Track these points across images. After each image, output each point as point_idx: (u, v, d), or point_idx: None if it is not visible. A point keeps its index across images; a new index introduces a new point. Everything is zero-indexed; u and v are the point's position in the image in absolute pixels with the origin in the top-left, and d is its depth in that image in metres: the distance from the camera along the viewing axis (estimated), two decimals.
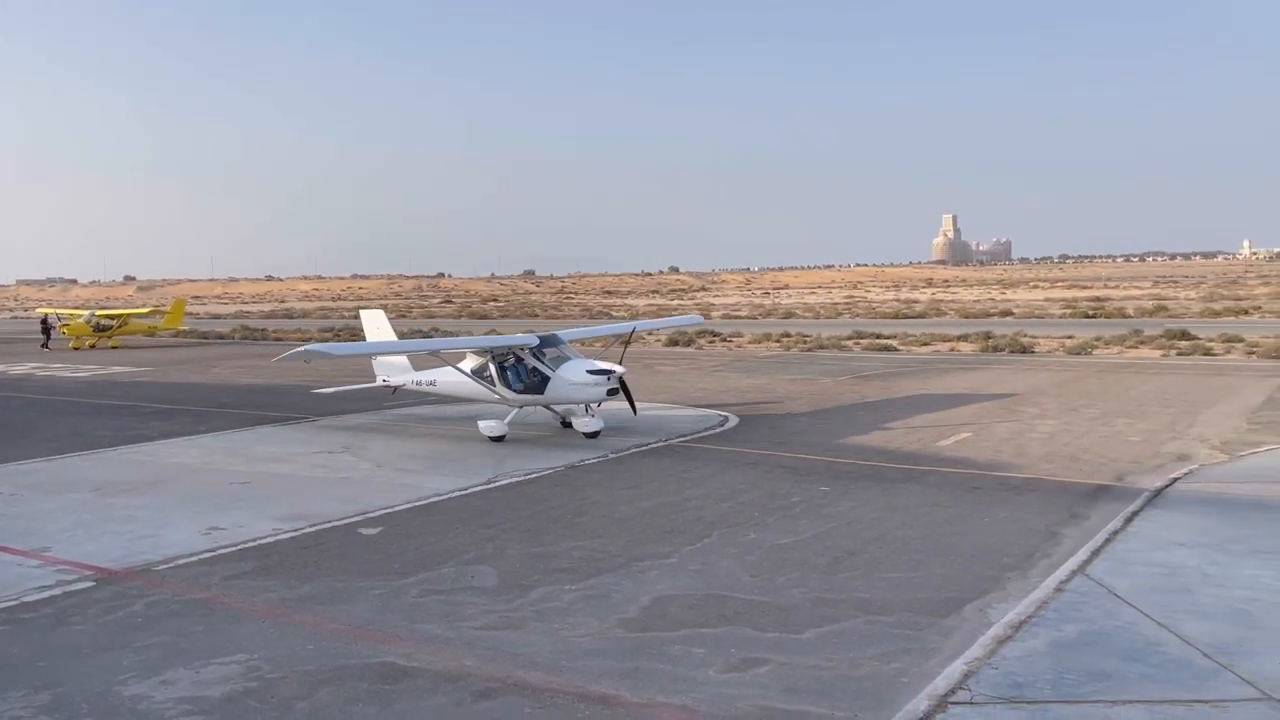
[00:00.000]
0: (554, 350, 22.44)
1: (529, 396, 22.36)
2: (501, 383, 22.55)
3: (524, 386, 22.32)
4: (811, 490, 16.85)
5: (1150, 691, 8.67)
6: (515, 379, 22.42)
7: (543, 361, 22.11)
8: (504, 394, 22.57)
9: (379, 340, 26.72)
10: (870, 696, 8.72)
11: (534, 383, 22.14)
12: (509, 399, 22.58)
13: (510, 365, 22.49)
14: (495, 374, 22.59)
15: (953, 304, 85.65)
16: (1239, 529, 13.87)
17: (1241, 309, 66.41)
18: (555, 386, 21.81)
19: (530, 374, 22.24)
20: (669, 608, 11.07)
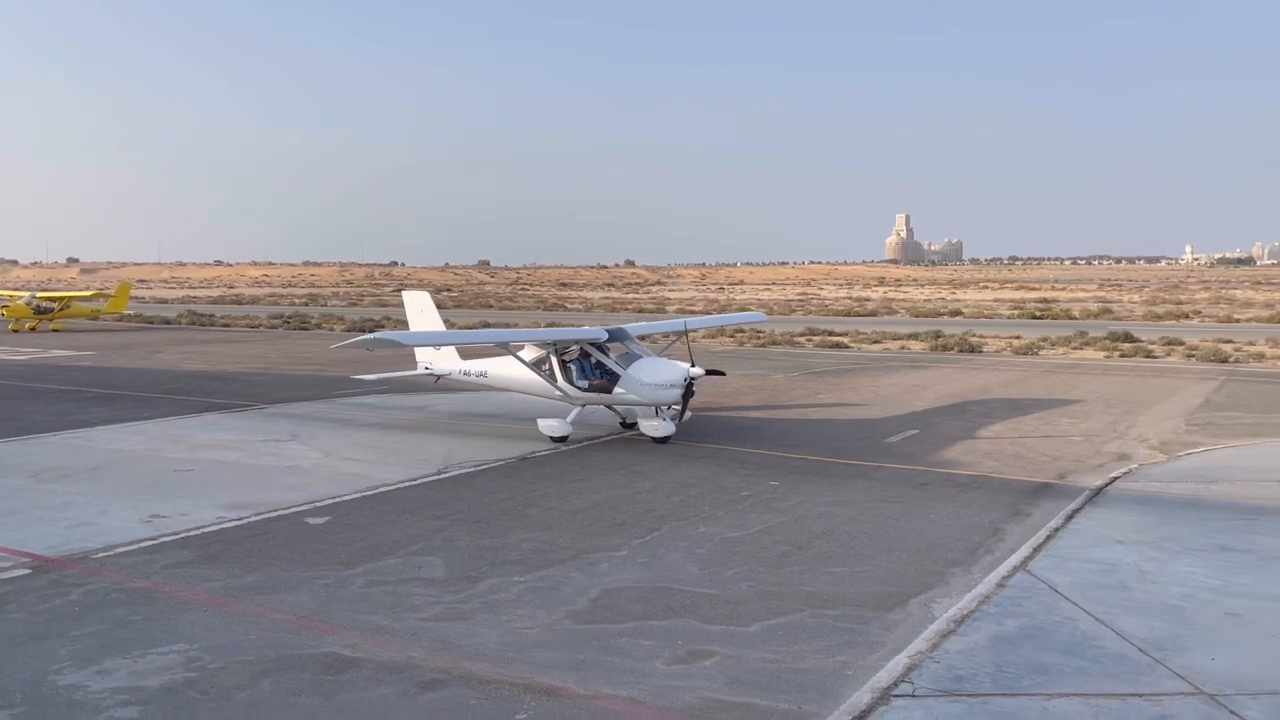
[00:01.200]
0: (621, 346, 21.01)
1: (594, 395, 20.85)
2: (564, 378, 20.96)
3: (589, 384, 20.78)
4: (761, 485, 16.96)
5: (1086, 685, 8.86)
6: (580, 375, 20.87)
7: (612, 358, 20.62)
8: (567, 390, 20.99)
9: (441, 329, 24.64)
10: (815, 689, 8.80)
11: (601, 380, 20.64)
12: (572, 396, 21.00)
13: (575, 360, 21.01)
14: (557, 368, 21.04)
15: (904, 303, 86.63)
16: (1175, 527, 14.21)
17: (1183, 313, 68.00)
18: (627, 386, 20.16)
19: (597, 370, 20.76)
20: (618, 600, 11.09)
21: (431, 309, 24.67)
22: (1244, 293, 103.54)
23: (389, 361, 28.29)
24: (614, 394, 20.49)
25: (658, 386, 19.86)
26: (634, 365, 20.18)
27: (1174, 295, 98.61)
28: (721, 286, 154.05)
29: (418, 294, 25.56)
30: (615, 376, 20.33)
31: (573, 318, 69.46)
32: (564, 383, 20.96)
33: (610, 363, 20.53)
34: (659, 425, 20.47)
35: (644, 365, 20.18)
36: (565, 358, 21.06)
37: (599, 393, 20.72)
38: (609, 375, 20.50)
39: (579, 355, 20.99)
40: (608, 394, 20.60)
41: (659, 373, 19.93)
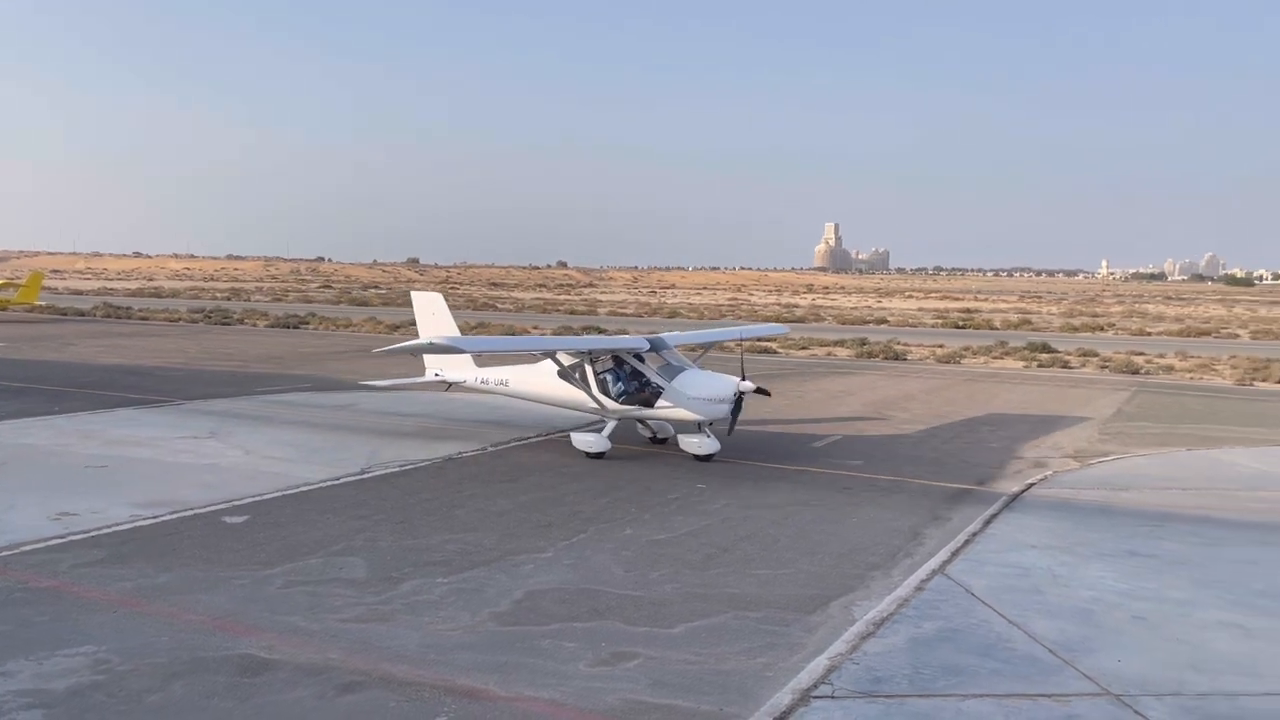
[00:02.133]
0: (660, 357, 19.74)
1: (634, 408, 19.51)
2: (600, 390, 19.62)
3: (628, 397, 19.44)
4: (688, 487, 17.04)
5: (999, 686, 9.08)
6: (618, 387, 19.56)
7: (653, 369, 19.40)
8: (604, 403, 19.57)
9: (458, 333, 22.88)
10: (736, 690, 8.87)
11: (642, 393, 19.33)
12: (609, 409, 19.58)
13: (610, 370, 19.72)
14: (592, 379, 19.71)
15: (832, 310, 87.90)
16: (1086, 533, 14.65)
17: (1098, 325, 70.19)
18: (673, 399, 18.88)
19: (636, 381, 19.44)
20: (542, 602, 11.04)
21: (444, 311, 22.93)
22: (1156, 307, 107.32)
23: (398, 366, 26.49)
24: (656, 407, 19.20)
25: (706, 401, 18.59)
26: (679, 378, 19.00)
27: (1090, 308, 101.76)
28: (654, 290, 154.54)
29: (428, 295, 23.69)
30: (658, 389, 19.06)
31: (503, 318, 69.03)
32: (600, 394, 19.57)
33: (652, 374, 19.23)
34: (703, 442, 19.12)
35: (690, 378, 19.01)
36: (600, 368, 19.78)
37: (639, 406, 19.40)
38: (651, 387, 19.21)
39: (616, 365, 19.72)
40: (649, 407, 19.30)
41: (707, 386, 18.73)
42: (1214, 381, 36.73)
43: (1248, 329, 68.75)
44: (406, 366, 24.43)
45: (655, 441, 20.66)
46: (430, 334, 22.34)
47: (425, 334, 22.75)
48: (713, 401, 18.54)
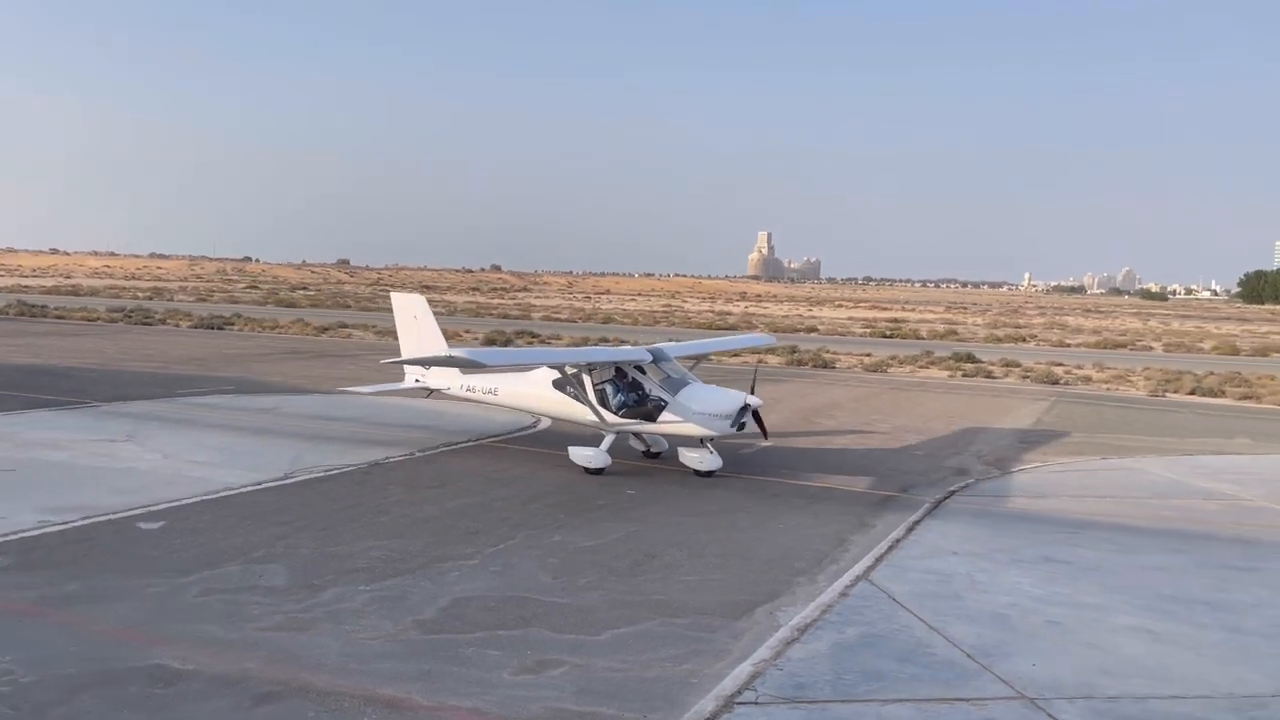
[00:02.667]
0: (660, 369, 19.06)
1: (635, 422, 18.85)
2: (600, 402, 18.91)
3: (629, 410, 18.80)
4: (618, 493, 17.04)
5: (919, 690, 9.23)
6: (618, 399, 18.90)
7: (655, 381, 18.80)
8: (604, 416, 18.88)
9: (441, 338, 21.85)
10: (660, 698, 8.88)
11: (645, 407, 18.69)
12: (608, 422, 18.92)
13: (610, 382, 19.05)
14: (591, 391, 19.04)
15: (763, 318, 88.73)
16: (1005, 539, 14.99)
17: (1020, 336, 71.97)
18: (677, 414, 18.25)
19: (637, 394, 18.83)
20: (467, 609, 10.93)
21: (427, 315, 21.95)
22: (1075, 319, 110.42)
23: (376, 373, 25.25)
24: (659, 421, 18.56)
25: (712, 416, 17.96)
26: (684, 391, 18.40)
27: (1013, 319, 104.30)
28: (588, 295, 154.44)
29: (410, 297, 22.58)
30: (661, 403, 18.44)
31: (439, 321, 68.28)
32: (599, 407, 18.87)
33: (655, 387, 18.65)
34: (705, 458, 18.60)
35: (696, 392, 18.42)
36: (599, 379, 19.14)
37: (640, 420, 18.76)
38: (654, 401, 18.57)
39: (616, 377, 19.07)
40: (651, 421, 18.66)
41: (714, 401, 18.12)
42: (1129, 392, 37.89)
43: (1161, 342, 71.14)
44: (388, 371, 23.36)
45: (649, 456, 20.06)
46: (416, 339, 21.88)
47: (406, 339, 22.22)
48: (719, 417, 17.94)
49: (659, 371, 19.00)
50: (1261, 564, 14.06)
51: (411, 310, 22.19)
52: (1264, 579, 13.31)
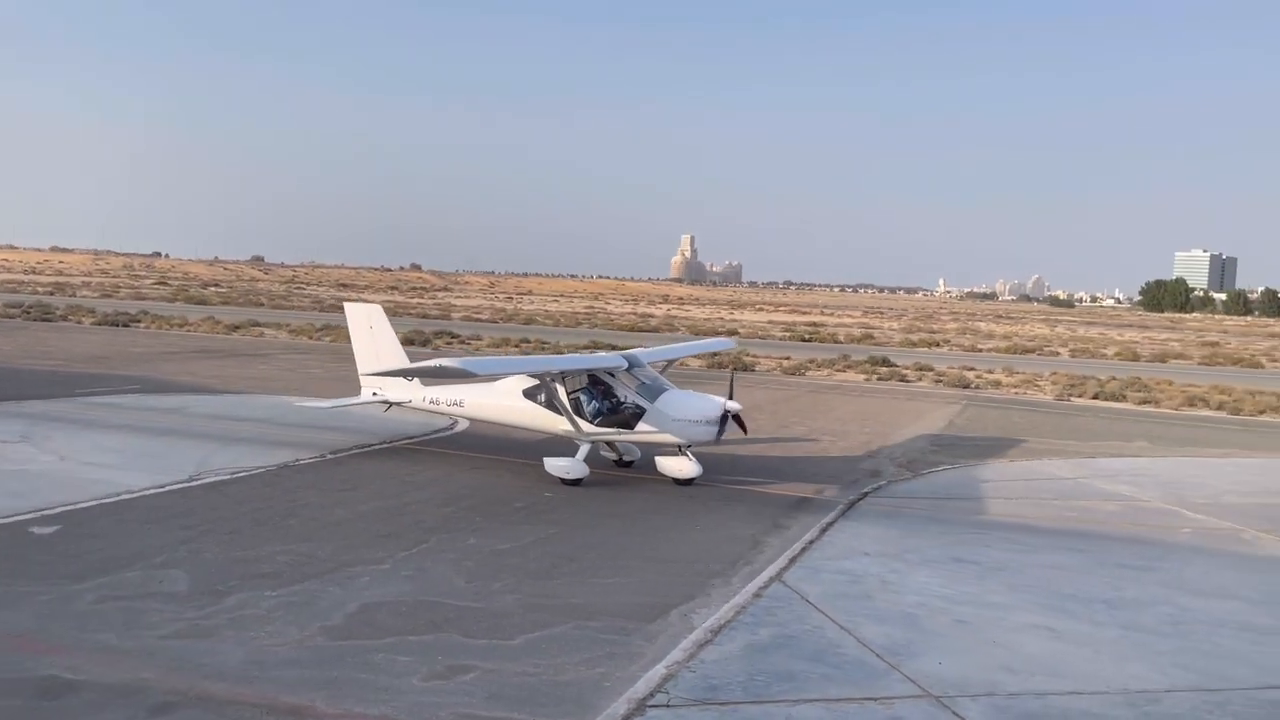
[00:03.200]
0: (634, 376, 18.60)
1: (612, 431, 18.47)
2: (575, 411, 18.38)
3: (605, 418, 18.37)
4: (536, 496, 16.92)
5: (829, 690, 9.34)
6: (593, 408, 18.45)
7: (632, 388, 18.35)
8: (580, 425, 18.34)
9: (399, 349, 20.95)
10: (573, 702, 8.82)
11: (622, 414, 18.29)
12: (584, 432, 18.40)
13: (586, 390, 18.58)
14: (565, 400, 18.48)
15: (685, 321, 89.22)
16: (915, 540, 15.29)
17: (934, 341, 73.69)
18: (656, 422, 17.93)
19: (612, 402, 18.41)
20: (377, 615, 10.71)
21: (384, 325, 21.02)
22: (987, 325, 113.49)
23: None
24: (637, 430, 18.21)
25: (692, 423, 17.75)
26: (662, 398, 18.01)
27: (928, 324, 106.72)
28: (510, 296, 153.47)
29: (366, 307, 21.72)
30: (639, 410, 18.09)
31: None
32: (574, 416, 18.31)
33: (631, 394, 18.26)
34: (684, 466, 18.23)
35: (674, 398, 18.05)
36: (573, 387, 18.65)
37: (617, 428, 18.40)
38: (631, 408, 18.22)
39: (591, 385, 18.62)
40: (629, 429, 18.30)
41: (693, 408, 17.88)
42: (1037, 396, 39.05)
43: (1068, 347, 73.53)
44: (344, 385, 21.93)
45: (621, 465, 19.64)
46: (373, 350, 20.81)
47: (362, 350, 21.15)
48: (699, 423, 17.72)
49: (632, 378, 18.60)
50: (1156, 563, 14.58)
51: (367, 320, 21.25)
52: (1159, 578, 13.80)
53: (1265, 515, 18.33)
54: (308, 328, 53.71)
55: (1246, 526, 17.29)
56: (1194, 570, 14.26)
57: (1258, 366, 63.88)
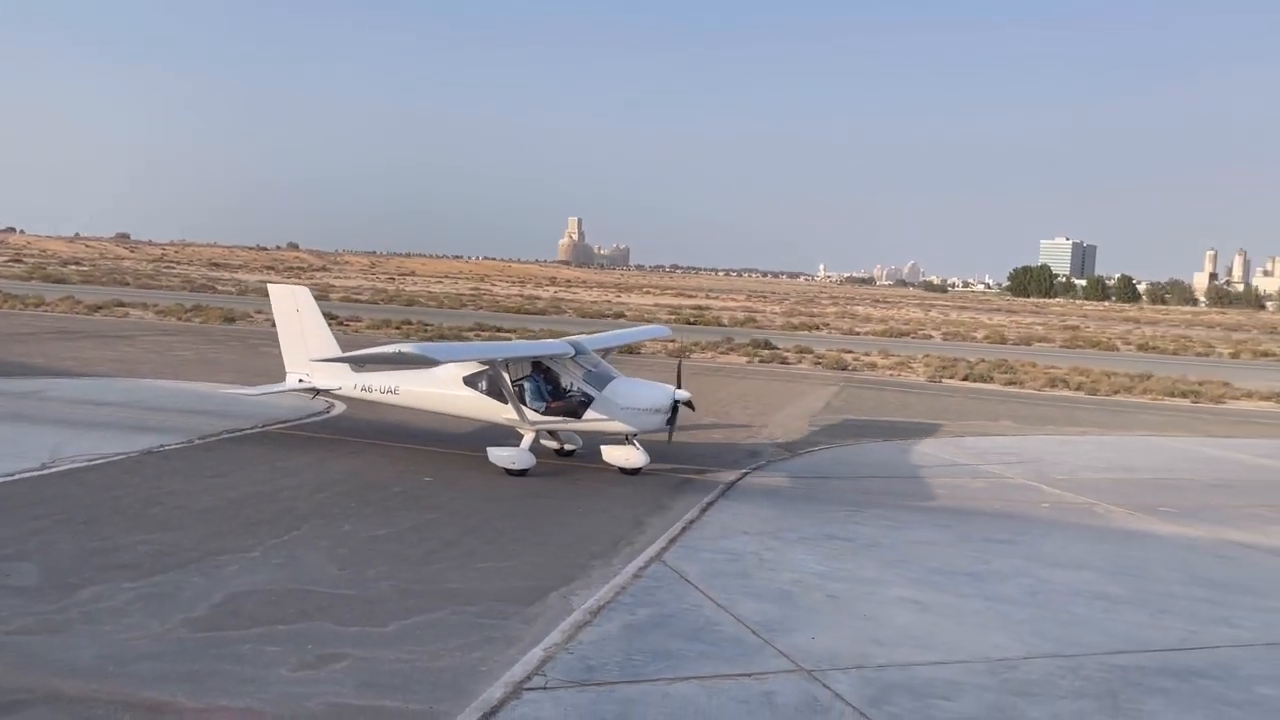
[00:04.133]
0: (578, 364, 18.22)
1: (558, 420, 18.08)
2: (519, 399, 17.86)
3: (549, 406, 17.96)
4: (414, 480, 16.63)
5: (705, 668, 9.46)
6: (537, 396, 18.00)
7: (579, 376, 17.98)
8: (525, 414, 17.89)
9: (329, 334, 20.13)
10: (448, 687, 8.70)
11: (569, 403, 17.93)
12: (530, 420, 17.98)
13: (530, 378, 18.16)
14: (508, 388, 17.83)
15: (572, 303, 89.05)
16: (792, 519, 15.62)
17: (814, 324, 75.46)
18: (605, 410, 17.58)
19: (554, 390, 18.07)
20: (244, 605, 10.35)
21: (312, 309, 20.20)
22: (865, 309, 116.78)
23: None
24: (585, 418, 17.83)
25: (641, 411, 17.48)
26: (611, 386, 17.72)
27: (809, 308, 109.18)
28: (392, 277, 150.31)
29: (291, 289, 20.74)
30: (586, 399, 17.74)
31: (224, 301, 64.59)
32: (518, 404, 17.82)
33: (579, 382, 17.92)
34: (631, 455, 17.97)
35: (623, 387, 17.80)
36: (517, 374, 18.14)
37: (563, 416, 17.99)
38: (579, 396, 17.87)
39: (536, 372, 18.24)
40: (575, 418, 17.90)
41: (643, 396, 17.64)
42: (910, 378, 40.39)
43: (940, 331, 76.29)
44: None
45: (562, 454, 19.24)
46: (299, 334, 19.85)
47: (288, 335, 20.14)
48: (649, 412, 17.49)
49: (578, 365, 18.21)
50: (1019, 537, 15.25)
51: (292, 303, 20.18)
52: (1021, 551, 14.44)
53: (1118, 490, 19.39)
54: (176, 308, 51.55)
55: (1100, 501, 18.25)
56: (1052, 543, 14.97)
57: (1113, 349, 67.57)
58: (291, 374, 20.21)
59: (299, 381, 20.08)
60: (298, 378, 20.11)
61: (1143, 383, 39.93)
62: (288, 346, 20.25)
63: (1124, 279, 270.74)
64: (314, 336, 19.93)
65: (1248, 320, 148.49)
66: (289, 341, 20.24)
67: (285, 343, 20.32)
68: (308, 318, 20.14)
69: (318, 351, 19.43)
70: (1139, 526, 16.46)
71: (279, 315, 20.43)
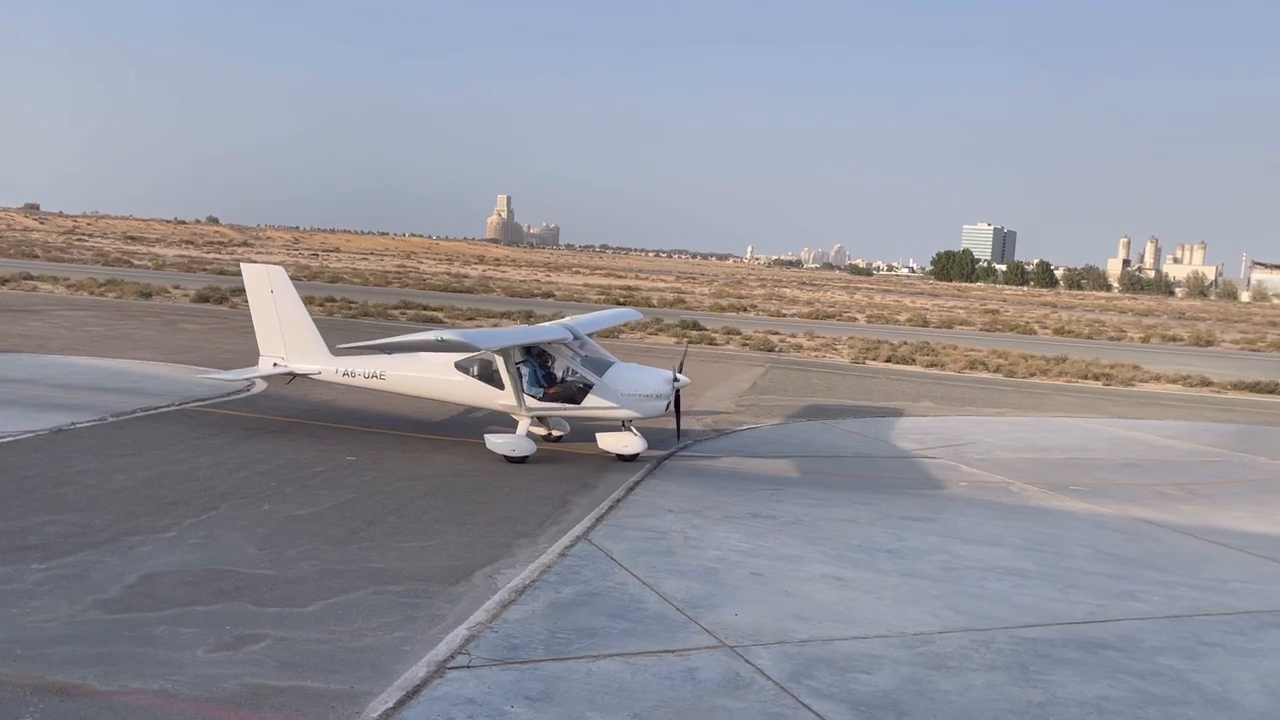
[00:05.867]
0: (569, 350, 17.94)
1: (557, 406, 17.77)
2: (515, 385, 17.41)
3: (546, 391, 17.60)
4: (336, 459, 16.39)
5: (629, 645, 9.53)
6: (534, 381, 17.59)
7: (579, 362, 17.67)
8: (524, 400, 17.50)
9: (305, 315, 19.18)
10: (370, 667, 8.62)
11: (568, 388, 17.62)
12: (529, 407, 17.62)
13: (528, 363, 17.73)
14: (504, 372, 17.42)
15: (501, 282, 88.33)
16: (717, 496, 15.79)
17: (742, 306, 76.03)
18: (605, 396, 17.32)
19: (558, 375, 17.76)
20: (159, 585, 10.12)
21: (288, 290, 19.14)
22: (792, 291, 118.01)
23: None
24: (584, 404, 17.54)
25: (642, 398, 17.28)
26: (610, 372, 17.51)
27: (736, 290, 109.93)
28: (316, 253, 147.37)
29: (265, 269, 19.59)
30: (587, 384, 17.47)
31: (140, 275, 62.59)
32: (516, 390, 17.42)
33: (579, 367, 17.63)
34: (630, 441, 17.79)
35: (623, 373, 17.63)
36: (516, 359, 17.66)
37: (562, 402, 17.69)
38: (579, 382, 17.57)
39: (534, 357, 17.84)
40: (574, 404, 17.62)
41: (644, 382, 17.45)
42: (835, 359, 40.99)
43: (865, 314, 77.52)
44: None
45: (549, 440, 18.87)
46: (275, 317, 18.89)
47: (263, 318, 19.14)
48: (650, 398, 17.32)
49: (575, 351, 17.93)
50: (936, 514, 15.63)
51: (267, 284, 19.17)
52: (937, 528, 14.80)
53: (1031, 470, 19.97)
54: (89, 282, 49.81)
55: (1015, 479, 18.79)
56: (967, 520, 15.37)
57: (1031, 333, 69.43)
58: (265, 357, 19.31)
59: (273, 366, 19.19)
60: (272, 361, 19.21)
61: (1058, 365, 41.12)
62: (262, 329, 19.33)
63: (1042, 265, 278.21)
64: (290, 319, 19.10)
65: (1158, 306, 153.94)
66: (263, 324, 19.31)
67: (259, 325, 19.38)
68: (283, 299, 19.15)
69: (287, 336, 18.83)
70: (1051, 504, 16.99)
71: (252, 296, 19.41)
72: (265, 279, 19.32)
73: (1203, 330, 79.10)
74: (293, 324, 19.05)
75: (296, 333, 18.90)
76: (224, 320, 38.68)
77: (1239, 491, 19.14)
